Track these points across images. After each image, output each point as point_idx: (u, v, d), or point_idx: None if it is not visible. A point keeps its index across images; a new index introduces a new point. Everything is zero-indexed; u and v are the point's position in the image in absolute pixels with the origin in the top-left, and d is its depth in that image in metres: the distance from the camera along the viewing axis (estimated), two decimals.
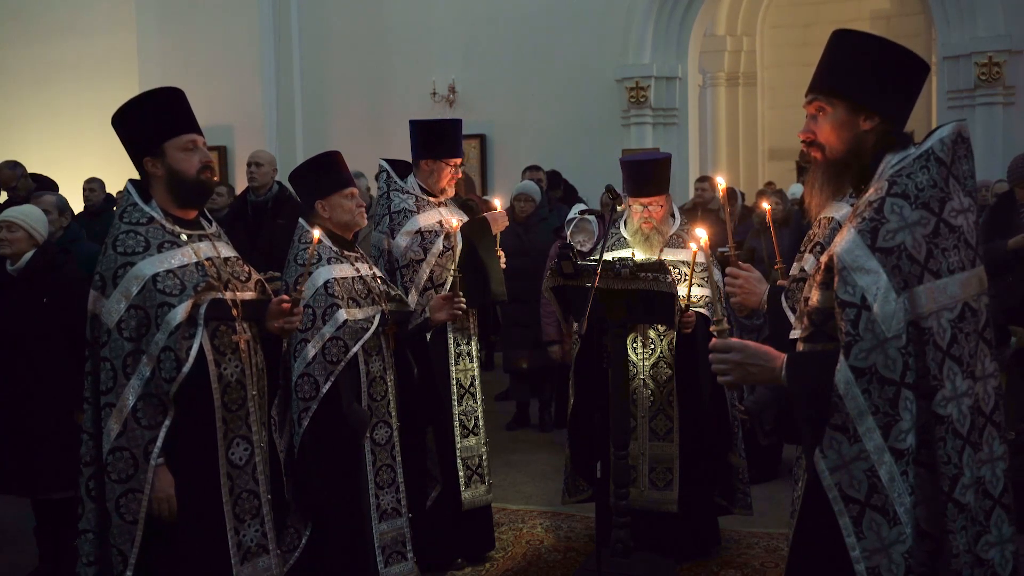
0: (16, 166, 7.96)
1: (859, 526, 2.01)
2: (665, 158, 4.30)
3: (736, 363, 2.17)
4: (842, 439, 1.99)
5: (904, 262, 1.97)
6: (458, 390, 4.33)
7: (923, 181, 2.02)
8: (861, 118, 2.15)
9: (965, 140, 2.09)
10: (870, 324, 1.96)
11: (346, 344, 3.53)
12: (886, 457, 1.97)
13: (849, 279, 1.99)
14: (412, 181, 4.33)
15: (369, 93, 12.08)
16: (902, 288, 1.97)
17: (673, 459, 4.31)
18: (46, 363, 4.26)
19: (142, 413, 2.71)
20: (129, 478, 2.72)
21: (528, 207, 6.92)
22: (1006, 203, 5.94)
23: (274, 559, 3.01)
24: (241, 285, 2.97)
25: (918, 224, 1.99)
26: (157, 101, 2.91)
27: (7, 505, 5.05)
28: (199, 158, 2.88)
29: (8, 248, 4.30)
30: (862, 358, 1.96)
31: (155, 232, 2.82)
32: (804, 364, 2.15)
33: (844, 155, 2.18)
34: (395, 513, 3.81)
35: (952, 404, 1.98)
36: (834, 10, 14.10)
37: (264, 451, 3.01)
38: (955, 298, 2.00)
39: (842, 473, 2.01)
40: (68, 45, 13.47)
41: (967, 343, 2.02)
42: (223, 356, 2.85)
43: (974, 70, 9.53)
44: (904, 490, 1.99)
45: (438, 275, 4.17)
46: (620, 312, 3.95)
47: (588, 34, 11.04)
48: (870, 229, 2.01)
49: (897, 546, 2.00)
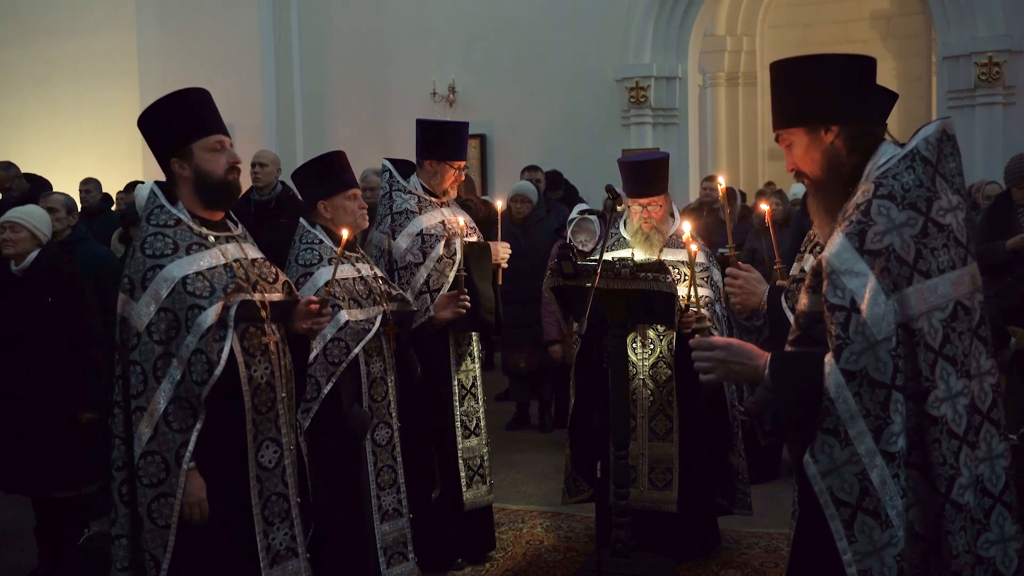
0: (10, 166, 7.95)
1: (850, 529, 2.00)
2: (663, 158, 4.29)
3: (719, 360, 2.17)
4: (834, 443, 1.99)
5: (893, 264, 1.97)
6: (460, 391, 4.34)
7: (909, 181, 2.02)
8: (822, 133, 2.17)
9: (951, 138, 2.09)
10: (860, 327, 1.95)
11: (348, 345, 3.53)
12: (878, 460, 1.97)
13: (838, 282, 1.99)
14: (415, 181, 4.32)
15: (369, 93, 12.08)
16: (891, 290, 1.96)
17: (673, 459, 4.32)
18: (49, 363, 4.27)
19: (173, 417, 2.68)
20: (161, 482, 2.69)
21: (525, 208, 6.91)
22: (1003, 204, 5.94)
23: (303, 562, 2.99)
24: (269, 286, 2.95)
25: (906, 225, 1.99)
26: (184, 102, 2.87)
27: (7, 505, 5.05)
28: (227, 159, 2.85)
29: (12, 248, 4.30)
30: (853, 361, 1.95)
31: (183, 234, 2.80)
32: (787, 364, 2.16)
33: (824, 173, 2.20)
34: (396, 514, 3.81)
35: (946, 405, 1.98)
36: (834, 10, 14.09)
37: (293, 453, 2.99)
38: (946, 297, 2.00)
39: (833, 477, 2.00)
40: (68, 45, 13.48)
41: (961, 342, 2.01)
42: (253, 358, 2.83)
43: (974, 70, 9.53)
44: (896, 493, 1.98)
45: (435, 280, 4.14)
46: (620, 312, 3.95)
47: (588, 34, 11.04)
48: (858, 232, 2.01)
49: (889, 549, 1.99)
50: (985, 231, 5.84)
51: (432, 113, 11.02)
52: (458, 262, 4.15)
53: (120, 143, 12.40)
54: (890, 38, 13.69)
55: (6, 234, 4.29)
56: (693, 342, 2.22)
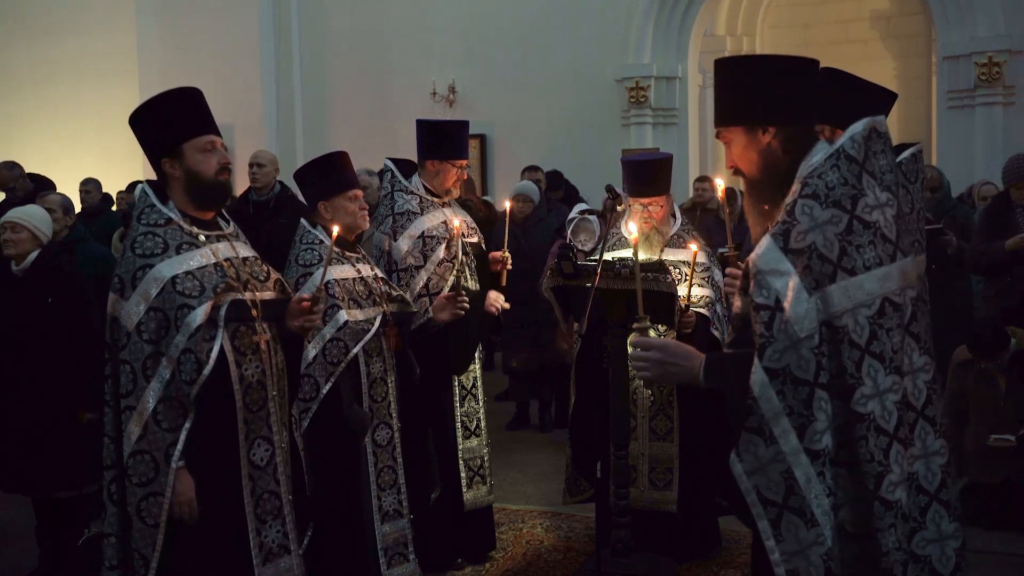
0: (14, 167, 7.95)
1: (777, 528, 1.99)
2: (666, 158, 4.29)
3: (656, 361, 2.18)
4: (758, 441, 1.99)
5: (815, 262, 1.97)
6: (460, 391, 4.34)
7: (833, 180, 2.03)
8: (759, 133, 2.18)
9: (881, 135, 2.08)
10: (783, 325, 1.96)
11: (347, 345, 3.53)
12: (802, 458, 1.96)
13: (763, 282, 2.00)
14: (416, 181, 4.32)
15: (369, 93, 12.08)
16: (814, 288, 1.96)
17: (673, 459, 4.32)
18: (49, 363, 4.27)
19: (162, 416, 2.69)
20: (150, 481, 2.69)
21: (527, 208, 6.92)
22: (1001, 204, 5.94)
23: (296, 559, 3.00)
24: (260, 285, 2.95)
25: (829, 223, 1.99)
26: (176, 101, 2.88)
27: (7, 505, 5.05)
28: (217, 159, 2.86)
29: (12, 249, 4.31)
30: (775, 359, 1.96)
31: (173, 233, 2.81)
32: (720, 365, 2.17)
33: (760, 173, 2.21)
34: (397, 514, 3.82)
35: (873, 401, 1.97)
36: (834, 10, 14.08)
37: (285, 451, 3.00)
38: (873, 294, 1.99)
39: (760, 476, 2.00)
40: (68, 45, 13.47)
41: (889, 339, 2.00)
42: (244, 357, 2.83)
43: (974, 70, 9.53)
44: (821, 491, 1.98)
45: (435, 283, 4.14)
46: (620, 312, 3.94)
47: (588, 34, 11.04)
48: (782, 232, 2.02)
49: (815, 548, 1.98)
50: (983, 232, 5.83)
51: (432, 113, 11.03)
52: (458, 264, 4.15)
53: (120, 143, 12.35)
54: (890, 38, 13.68)
55: (7, 234, 4.30)
56: (631, 340, 2.22)
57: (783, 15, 14.64)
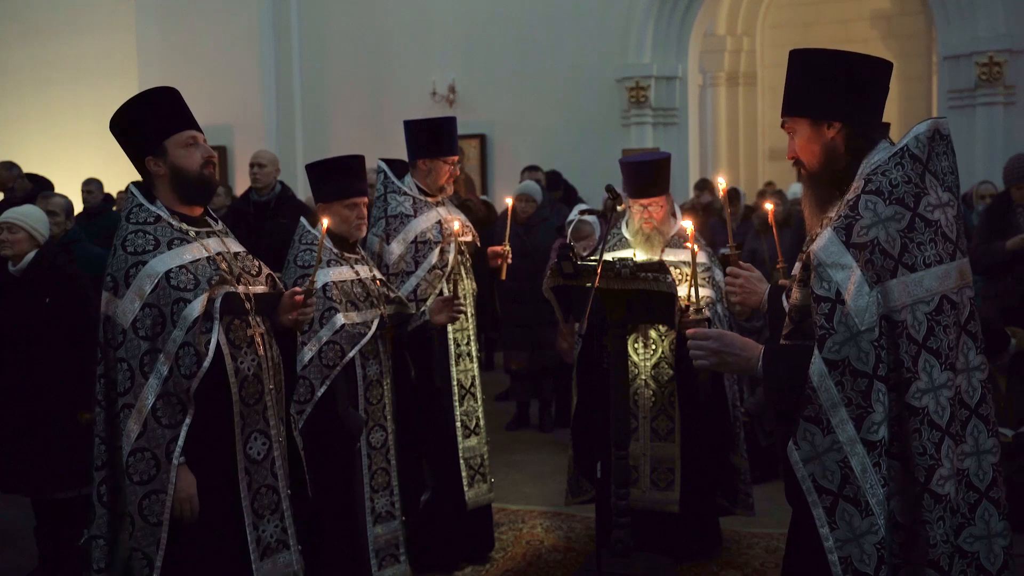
0: (12, 167, 7.95)
1: (832, 516, 2.04)
2: (664, 158, 4.28)
3: (713, 350, 2.21)
4: (815, 430, 2.03)
5: (877, 256, 2.01)
6: (459, 391, 4.34)
7: (897, 177, 2.07)
8: (824, 127, 2.21)
9: (944, 137, 2.13)
10: (843, 317, 2.00)
11: (343, 348, 3.53)
12: (858, 448, 2.01)
13: (824, 275, 2.03)
14: (409, 181, 4.31)
15: (369, 93, 12.08)
16: (875, 282, 2.00)
17: (674, 459, 4.31)
18: (48, 363, 4.27)
19: (162, 412, 2.68)
20: (151, 479, 2.67)
21: (529, 207, 6.91)
22: (1002, 204, 5.94)
23: (295, 555, 2.98)
24: (252, 279, 2.95)
25: (892, 219, 2.03)
26: (153, 100, 2.89)
27: (7, 505, 5.05)
28: (201, 153, 2.86)
29: (9, 249, 4.31)
30: (835, 351, 2.00)
31: (163, 230, 2.80)
32: (780, 357, 2.19)
33: (819, 166, 2.24)
34: (389, 516, 3.81)
35: (928, 396, 2.00)
36: (834, 10, 14.09)
37: (282, 445, 2.99)
38: (932, 291, 2.03)
39: (815, 464, 2.04)
40: (68, 45, 13.48)
41: (946, 335, 2.03)
42: (239, 350, 2.82)
43: (974, 70, 9.53)
44: (876, 481, 2.01)
45: (423, 290, 4.13)
46: (620, 312, 3.94)
47: (588, 34, 11.04)
48: (845, 226, 2.06)
49: (869, 536, 2.02)
50: (983, 232, 5.83)
51: (432, 113, 11.01)
52: (448, 271, 4.15)
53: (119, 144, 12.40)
54: (890, 38, 13.69)
55: (4, 235, 4.29)
56: (690, 332, 2.26)
57: (783, 15, 14.65)
